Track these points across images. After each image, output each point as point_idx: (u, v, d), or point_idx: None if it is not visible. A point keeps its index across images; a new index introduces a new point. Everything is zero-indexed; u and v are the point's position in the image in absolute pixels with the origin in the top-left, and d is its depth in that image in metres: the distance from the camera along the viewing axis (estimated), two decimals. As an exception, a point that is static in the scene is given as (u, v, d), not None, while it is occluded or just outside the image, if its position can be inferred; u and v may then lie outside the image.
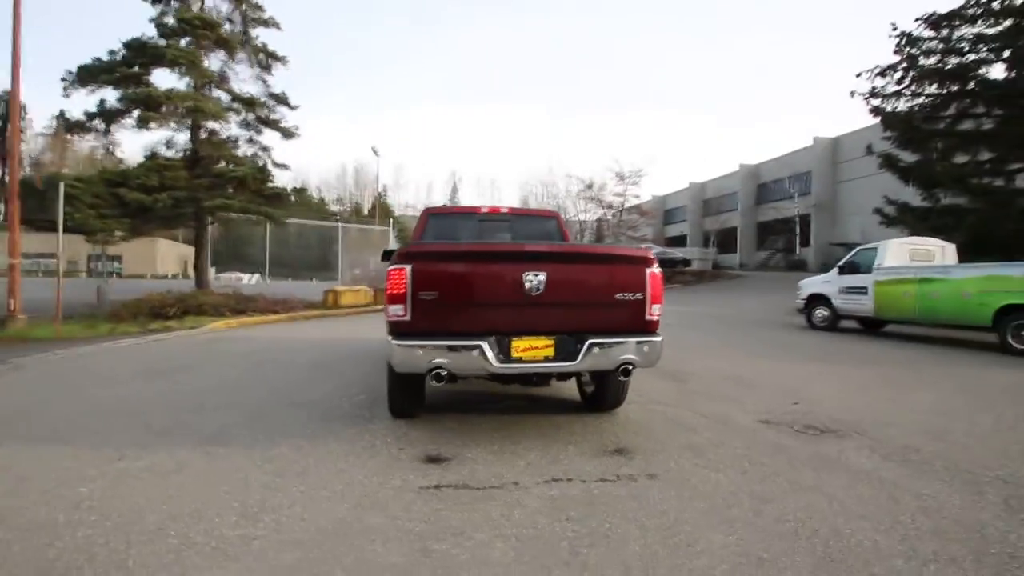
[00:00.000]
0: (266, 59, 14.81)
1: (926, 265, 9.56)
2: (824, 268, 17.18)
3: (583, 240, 37.90)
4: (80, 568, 1.92)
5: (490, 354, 3.11)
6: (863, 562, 2.01)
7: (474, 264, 3.24)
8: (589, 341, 3.21)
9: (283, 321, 11.53)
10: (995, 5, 14.97)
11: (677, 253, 34.92)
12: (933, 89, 15.62)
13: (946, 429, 3.85)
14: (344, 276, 15.42)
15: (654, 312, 3.38)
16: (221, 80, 14.38)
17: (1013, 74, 14.06)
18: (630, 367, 3.28)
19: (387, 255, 6.31)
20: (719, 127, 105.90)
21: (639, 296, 3.34)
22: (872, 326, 10.66)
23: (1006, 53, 14.40)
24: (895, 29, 16.33)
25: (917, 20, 15.90)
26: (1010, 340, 7.82)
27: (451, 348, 3.11)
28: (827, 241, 32.97)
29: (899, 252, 9.93)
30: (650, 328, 3.39)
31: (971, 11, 15.25)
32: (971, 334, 8.99)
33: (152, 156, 13.38)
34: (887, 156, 15.90)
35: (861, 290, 10.10)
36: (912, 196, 16.54)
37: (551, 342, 3.22)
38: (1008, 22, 14.50)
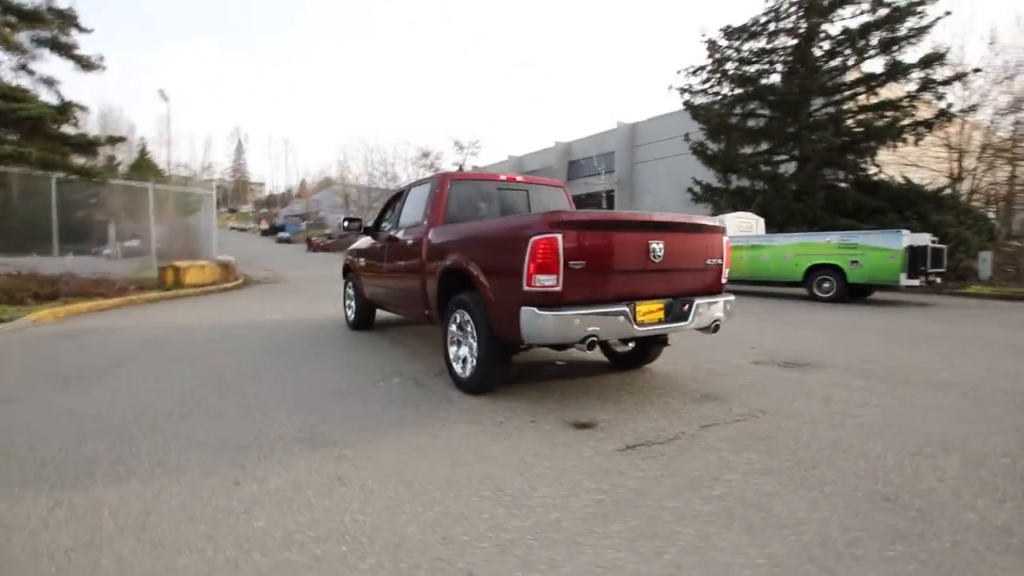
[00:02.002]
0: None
1: (756, 235, 12.09)
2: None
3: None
4: None
5: (631, 318, 3.26)
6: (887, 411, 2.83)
7: (613, 233, 3.29)
8: (696, 302, 3.57)
9: (123, 306, 9.26)
10: (770, 26, 18.96)
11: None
12: (730, 90, 19.19)
13: (861, 355, 5.20)
14: (114, 249, 13.47)
15: (726, 275, 3.88)
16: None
17: (780, 83, 18.04)
18: (719, 324, 3.73)
19: (354, 224, 5.76)
20: (538, 105, 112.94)
21: (719, 261, 3.79)
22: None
23: (779, 66, 18.39)
24: (704, 36, 19.55)
25: (720, 30, 19.28)
26: (816, 291, 10.50)
27: (603, 315, 3.16)
28: (629, 214, 38.23)
29: (732, 224, 12.33)
30: (724, 289, 3.89)
31: (753, 28, 19.06)
32: (785, 288, 11.74)
33: None
34: (701, 145, 19.15)
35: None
36: (711, 178, 20.24)
37: (662, 305, 3.47)
38: (780, 41, 18.50)
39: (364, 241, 6.32)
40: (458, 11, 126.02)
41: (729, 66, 18.97)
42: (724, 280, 3.87)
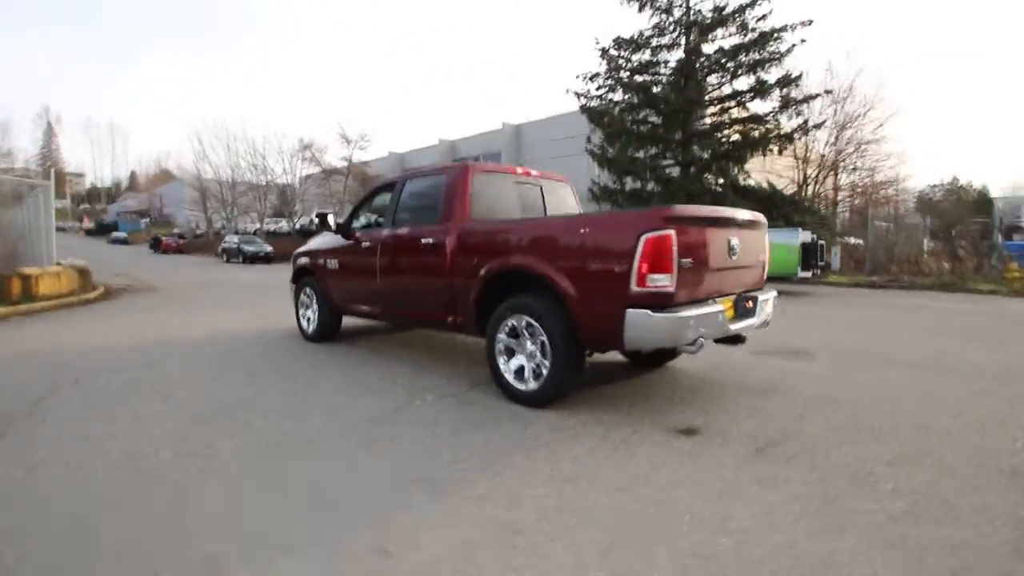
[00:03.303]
0: None
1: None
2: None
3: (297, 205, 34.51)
4: None
5: (725, 317, 3.16)
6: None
7: (709, 229, 3.14)
8: (760, 298, 3.59)
9: (-46, 326, 7.08)
10: (653, 41, 20.49)
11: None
12: (623, 97, 20.39)
13: (836, 342, 5.76)
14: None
15: (766, 271, 3.97)
16: None
17: (669, 93, 19.60)
18: (769, 321, 3.80)
19: (325, 223, 4.97)
20: (419, 101, 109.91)
21: (764, 258, 3.87)
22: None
23: (667, 77, 19.93)
24: (598, 43, 20.52)
25: (612, 41, 20.38)
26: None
27: (709, 315, 3.01)
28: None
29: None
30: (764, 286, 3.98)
31: (639, 41, 20.46)
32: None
33: None
34: (601, 147, 20.05)
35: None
36: (603, 179, 21.35)
37: (731, 303, 3.44)
38: (664, 55, 20.06)
39: (329, 240, 5.50)
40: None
41: (623, 74, 20.14)
42: (765, 276, 3.96)
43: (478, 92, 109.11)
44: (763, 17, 18.59)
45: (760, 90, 18.65)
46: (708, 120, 19.68)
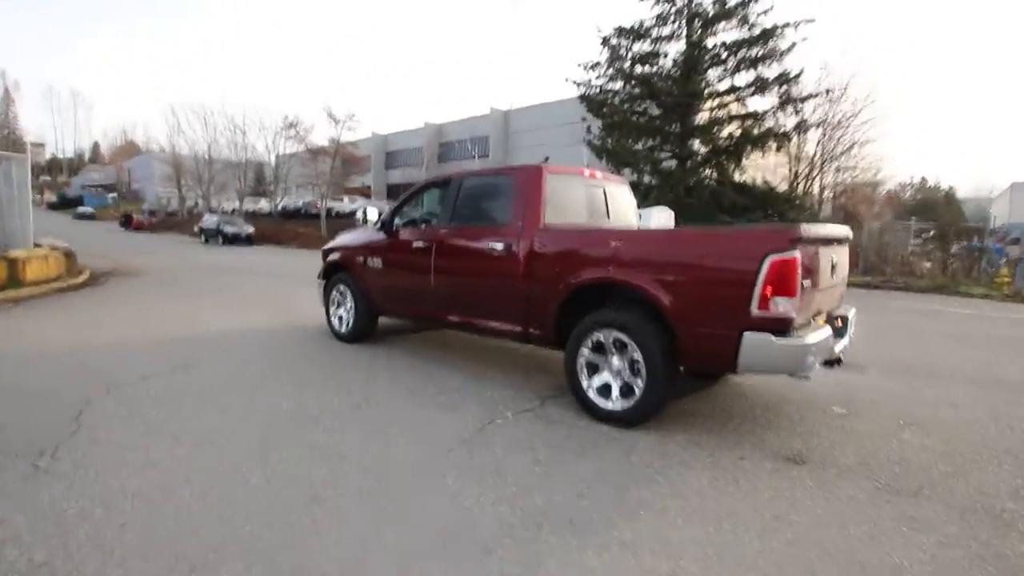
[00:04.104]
0: None
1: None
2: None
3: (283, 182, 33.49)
4: None
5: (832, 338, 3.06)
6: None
7: (822, 248, 3.01)
8: (848, 317, 3.49)
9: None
10: (653, 32, 20.28)
11: (384, 207, 34.74)
12: (624, 87, 20.18)
13: (883, 351, 5.77)
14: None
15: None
16: None
17: (671, 85, 19.47)
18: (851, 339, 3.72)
19: (366, 219, 4.69)
20: (402, 83, 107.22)
21: (846, 273, 3.77)
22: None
23: (670, 69, 19.75)
24: (599, 31, 20.21)
25: (613, 30, 20.09)
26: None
27: (824, 340, 2.89)
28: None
29: (660, 218, 13.02)
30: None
31: (640, 31, 20.22)
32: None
33: None
34: (602, 138, 19.85)
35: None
36: (601, 168, 21.20)
37: (825, 322, 3.34)
38: (667, 46, 19.88)
39: (366, 236, 5.21)
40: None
41: (625, 64, 19.90)
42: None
43: (465, 76, 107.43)
44: (765, 12, 18.57)
45: (760, 86, 18.69)
46: (707, 114, 19.64)
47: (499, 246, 3.89)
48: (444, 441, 3.03)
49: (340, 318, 5.53)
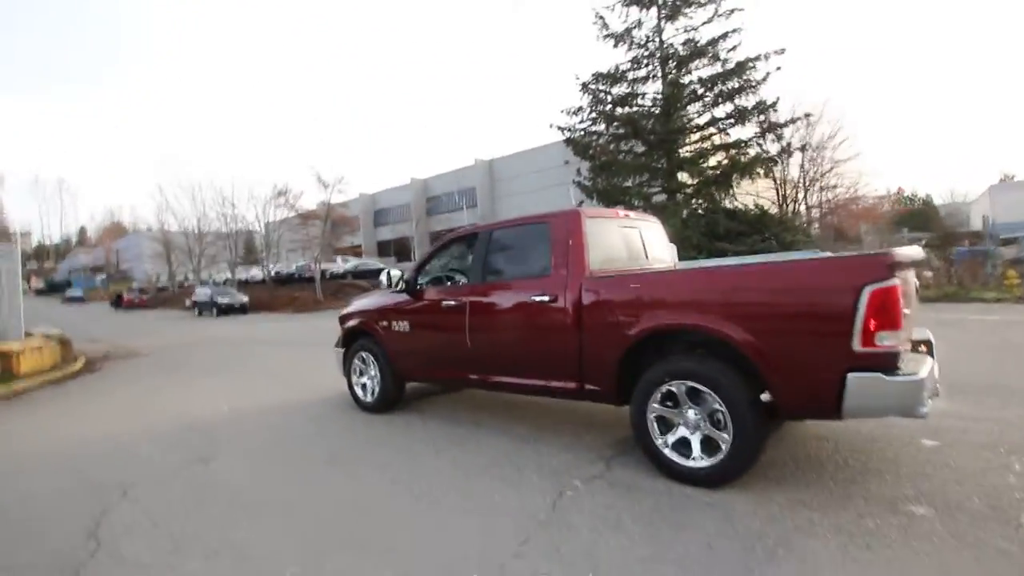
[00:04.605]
0: None
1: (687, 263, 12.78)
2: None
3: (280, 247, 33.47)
4: None
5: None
6: None
7: (910, 272, 2.79)
8: (930, 339, 3.24)
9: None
10: (630, 75, 20.93)
11: (378, 264, 34.69)
12: (607, 129, 20.62)
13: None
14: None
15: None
16: None
17: (654, 123, 19.91)
18: None
19: (391, 281, 4.45)
20: (388, 142, 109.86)
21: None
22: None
23: (650, 108, 20.26)
24: (578, 78, 20.82)
25: (592, 75, 20.72)
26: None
27: (932, 373, 2.62)
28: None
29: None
30: None
31: (616, 75, 20.86)
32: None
33: None
34: (593, 181, 20.11)
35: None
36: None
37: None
38: (644, 87, 20.48)
39: (387, 298, 4.94)
40: (293, 42, 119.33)
41: (607, 107, 20.41)
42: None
43: (448, 130, 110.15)
44: (734, 48, 19.27)
45: (740, 117, 19.17)
46: (692, 147, 20.02)
47: (543, 298, 3.63)
48: (517, 525, 2.67)
49: (364, 387, 5.18)
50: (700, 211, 19.50)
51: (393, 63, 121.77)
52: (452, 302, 4.26)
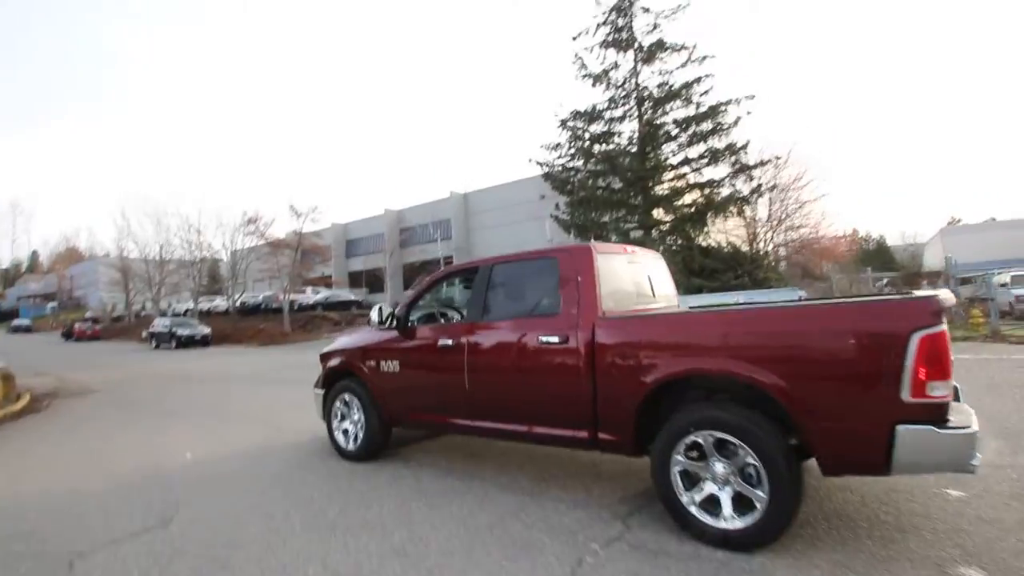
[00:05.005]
0: None
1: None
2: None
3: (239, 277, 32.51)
4: None
5: None
6: None
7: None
8: (957, 385, 3.12)
9: None
10: (606, 114, 21.47)
11: (350, 295, 33.98)
12: (585, 164, 20.96)
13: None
14: None
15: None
16: None
17: (631, 161, 20.34)
18: None
19: (382, 318, 4.16)
20: (359, 172, 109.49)
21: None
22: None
23: (626, 146, 20.72)
24: (556, 115, 21.24)
25: (570, 113, 21.17)
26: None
27: (975, 418, 2.46)
28: (469, 280, 38.71)
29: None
30: None
31: (593, 114, 21.37)
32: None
33: None
34: (570, 213, 20.26)
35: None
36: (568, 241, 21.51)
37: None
38: (620, 126, 21.00)
39: (374, 336, 4.62)
40: (256, 71, 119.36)
41: (584, 144, 20.81)
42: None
43: (423, 162, 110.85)
44: (706, 92, 20.03)
45: (713, 157, 19.77)
46: (667, 186, 20.48)
47: (551, 339, 3.39)
48: (540, 602, 2.35)
49: (346, 432, 4.78)
50: (675, 247, 19.82)
51: (369, 92, 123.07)
52: (449, 341, 3.97)
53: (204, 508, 3.74)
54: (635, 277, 3.94)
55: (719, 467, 2.78)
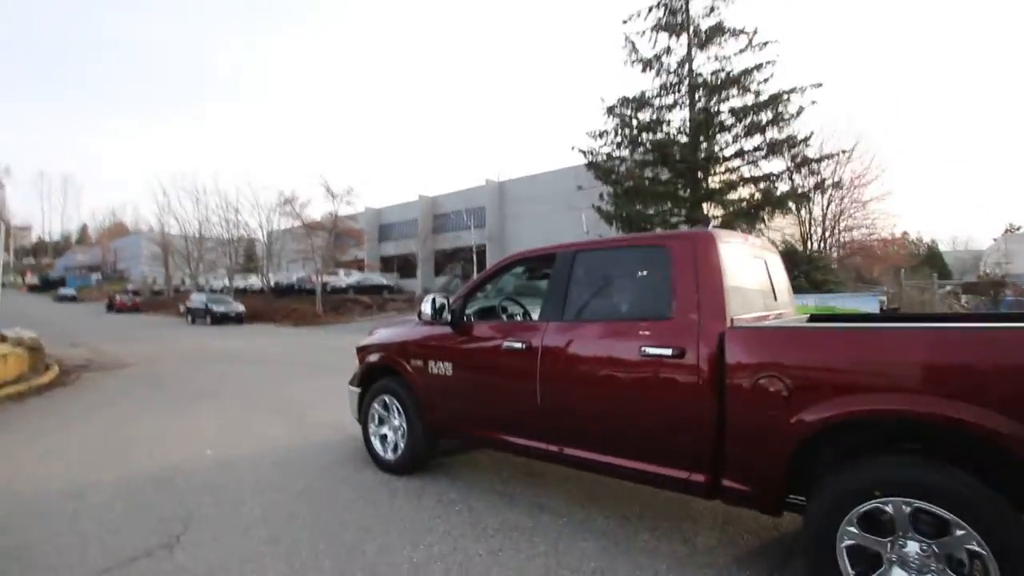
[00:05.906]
0: None
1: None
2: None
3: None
4: None
5: None
6: None
7: None
8: None
9: None
10: (656, 101, 20.28)
11: (382, 280, 33.78)
12: (632, 154, 19.89)
13: None
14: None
15: None
16: None
17: (684, 151, 19.16)
18: None
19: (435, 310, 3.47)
20: (393, 157, 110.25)
21: None
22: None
23: (677, 135, 19.56)
24: (603, 101, 20.19)
25: (618, 99, 20.09)
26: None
27: None
28: (502, 269, 38.07)
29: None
30: None
31: (642, 100, 20.22)
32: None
33: None
34: (615, 206, 19.30)
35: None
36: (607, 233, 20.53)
37: None
38: (671, 114, 19.81)
39: (421, 330, 3.93)
40: (306, 61, 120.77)
41: (632, 132, 19.72)
42: None
43: (458, 149, 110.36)
44: (766, 80, 18.63)
45: (771, 149, 18.43)
46: (719, 179, 19.25)
47: (661, 351, 2.61)
48: None
49: (384, 439, 4.12)
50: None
51: (407, 79, 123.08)
52: (517, 344, 3.22)
53: (216, 529, 3.12)
54: (758, 274, 3.12)
55: (913, 548, 1.97)
